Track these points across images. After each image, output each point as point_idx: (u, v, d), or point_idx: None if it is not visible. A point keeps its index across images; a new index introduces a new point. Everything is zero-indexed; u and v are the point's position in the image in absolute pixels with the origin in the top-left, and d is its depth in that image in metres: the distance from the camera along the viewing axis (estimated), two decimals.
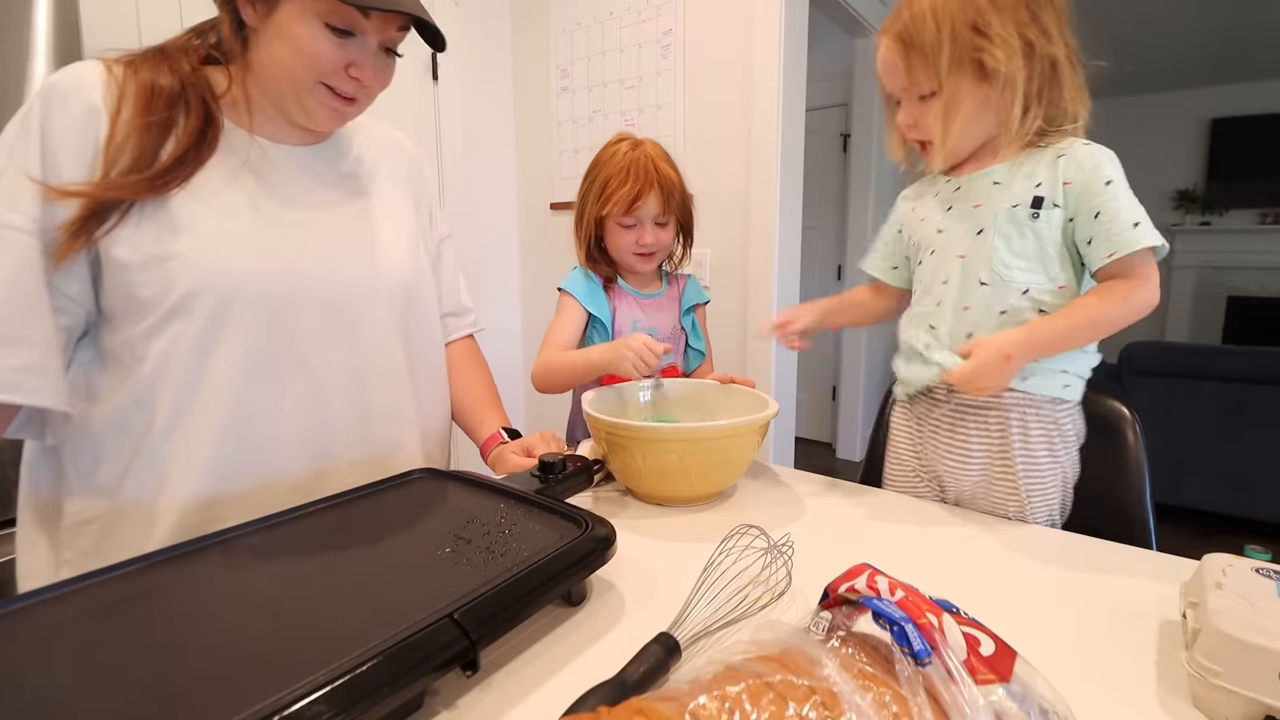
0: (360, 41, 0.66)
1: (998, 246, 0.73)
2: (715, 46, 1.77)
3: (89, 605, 0.43)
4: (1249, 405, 2.33)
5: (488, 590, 0.43)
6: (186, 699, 0.34)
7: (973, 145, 0.76)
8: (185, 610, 0.44)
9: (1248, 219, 4.37)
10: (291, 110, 0.69)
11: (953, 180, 0.79)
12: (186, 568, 0.49)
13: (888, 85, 0.78)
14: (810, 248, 2.98)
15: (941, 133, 0.73)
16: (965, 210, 0.76)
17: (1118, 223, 0.68)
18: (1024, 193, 0.72)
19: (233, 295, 0.65)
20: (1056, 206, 0.71)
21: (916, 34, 0.71)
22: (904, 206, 0.88)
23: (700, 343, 1.13)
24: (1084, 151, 0.71)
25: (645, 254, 1.04)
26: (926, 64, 0.71)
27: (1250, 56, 3.84)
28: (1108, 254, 0.68)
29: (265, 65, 0.66)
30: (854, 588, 0.39)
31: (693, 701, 0.31)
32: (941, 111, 0.72)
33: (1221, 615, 0.41)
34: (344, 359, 0.73)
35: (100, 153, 0.61)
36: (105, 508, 0.66)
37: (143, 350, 0.64)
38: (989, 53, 0.68)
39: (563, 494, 0.69)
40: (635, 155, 1.00)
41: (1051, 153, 0.72)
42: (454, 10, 2.00)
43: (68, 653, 0.38)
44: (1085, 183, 0.69)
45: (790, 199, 1.79)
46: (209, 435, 0.66)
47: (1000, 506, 0.77)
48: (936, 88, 0.71)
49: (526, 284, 2.38)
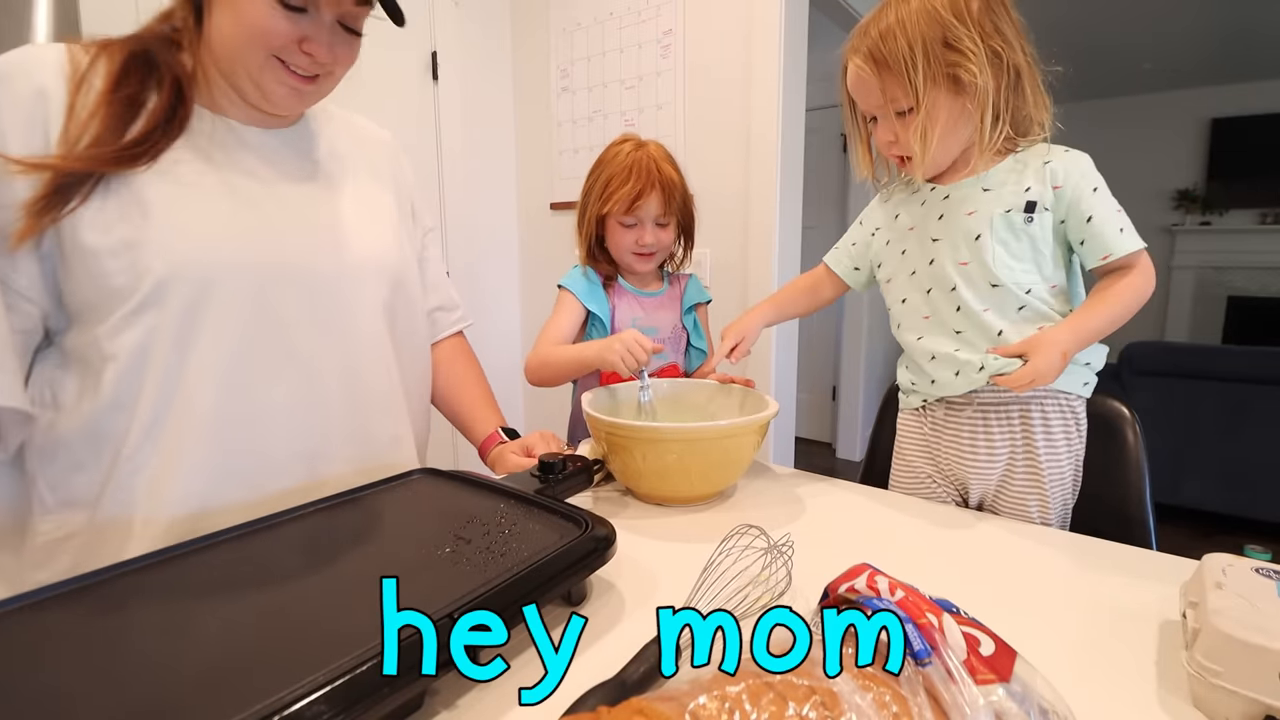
0: (313, 16, 0.64)
1: (997, 251, 0.75)
2: (715, 46, 1.76)
3: (87, 605, 0.43)
4: (1249, 405, 2.33)
5: (487, 590, 0.43)
6: (186, 699, 0.34)
7: (951, 156, 0.78)
8: (185, 610, 0.44)
9: (1248, 219, 4.37)
10: (247, 88, 0.66)
11: (939, 189, 0.80)
12: (185, 568, 0.49)
13: (862, 104, 0.79)
14: (810, 248, 2.97)
15: (922, 147, 0.74)
16: (959, 218, 0.78)
17: (1107, 227, 0.73)
18: (1015, 198, 0.75)
19: (211, 280, 0.62)
20: (1047, 210, 0.74)
21: (888, 52, 0.72)
22: (885, 213, 0.89)
23: (702, 342, 1.14)
24: (1069, 158, 0.75)
25: (644, 254, 1.04)
26: (900, 81, 0.72)
27: (1250, 56, 3.84)
28: (1102, 256, 0.74)
29: (218, 40, 0.64)
30: (854, 588, 0.39)
31: (693, 701, 0.31)
32: (920, 127, 0.73)
33: (1221, 615, 0.41)
34: (336, 348, 0.71)
35: (59, 133, 0.58)
36: (84, 522, 0.61)
37: (113, 347, 0.60)
38: (963, 67, 0.70)
39: (563, 494, 0.69)
40: (638, 155, 1.01)
41: (1037, 159, 0.75)
42: (454, 10, 2.00)
43: (66, 653, 0.38)
44: (1075, 188, 0.73)
45: (790, 199, 1.79)
46: (197, 434, 0.62)
47: (1021, 501, 0.79)
48: (914, 104, 0.73)
49: (526, 284, 2.38)
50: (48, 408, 0.61)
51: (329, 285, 0.71)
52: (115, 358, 0.60)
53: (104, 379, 0.60)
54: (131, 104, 0.61)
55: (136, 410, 0.61)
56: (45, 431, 0.61)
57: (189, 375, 0.62)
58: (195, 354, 0.62)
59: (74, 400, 0.61)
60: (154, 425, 0.61)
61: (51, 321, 0.62)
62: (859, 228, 0.93)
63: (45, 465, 0.62)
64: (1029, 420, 0.78)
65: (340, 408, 0.72)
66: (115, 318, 0.59)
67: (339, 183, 0.76)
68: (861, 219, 0.93)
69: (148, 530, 0.61)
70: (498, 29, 2.20)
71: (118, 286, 0.59)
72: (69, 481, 0.62)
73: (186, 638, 0.40)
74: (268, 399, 0.66)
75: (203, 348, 0.62)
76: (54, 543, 0.62)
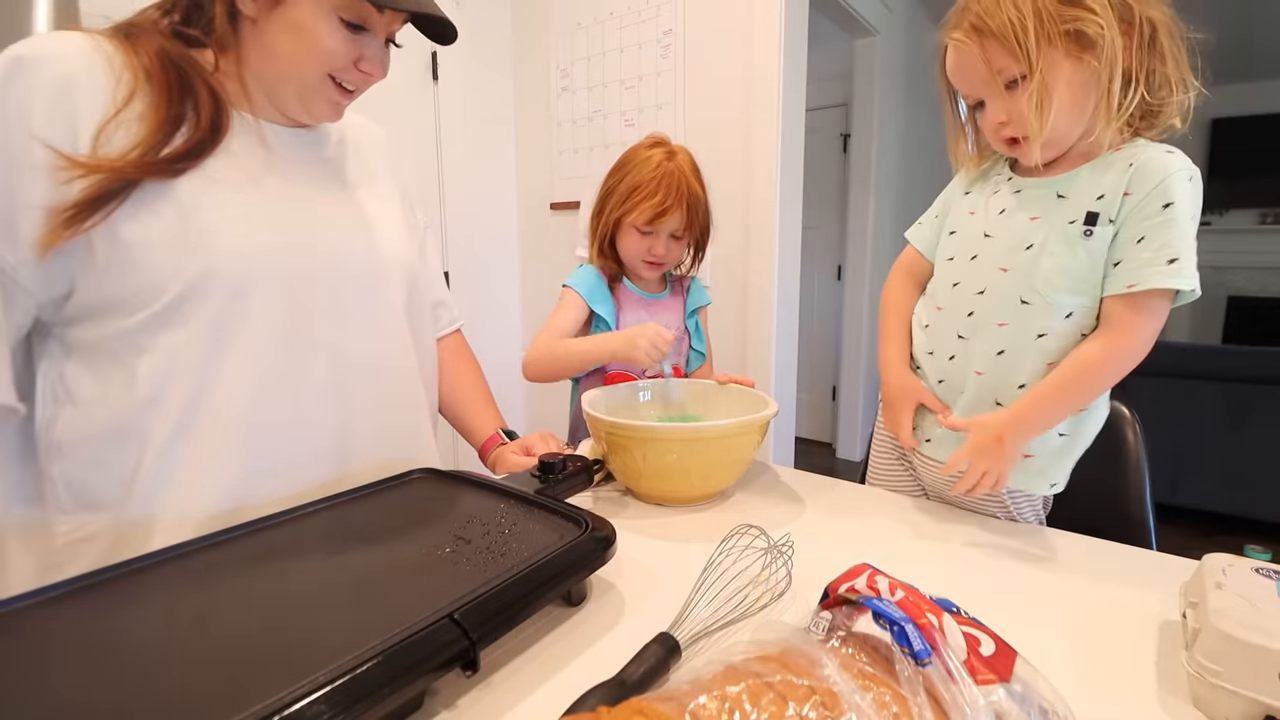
0: (371, 35, 0.65)
1: (1044, 265, 0.67)
2: (715, 46, 1.77)
3: (88, 605, 0.43)
4: (1249, 405, 2.33)
5: (488, 590, 0.43)
6: (186, 699, 0.34)
7: (1074, 134, 0.67)
8: (185, 610, 0.43)
9: (1248, 219, 4.37)
10: (289, 103, 0.67)
11: (1015, 181, 0.73)
12: (186, 568, 0.49)
13: (965, 84, 0.70)
14: (810, 248, 2.98)
15: (1038, 119, 0.63)
16: (1019, 221, 0.70)
17: (1156, 253, 0.62)
18: (1082, 207, 0.66)
19: (249, 278, 0.62)
20: (1111, 222, 0.65)
21: (992, 20, 0.63)
22: (958, 189, 0.82)
23: (702, 344, 1.14)
24: (1158, 162, 0.63)
25: (654, 264, 1.04)
26: (1008, 46, 0.63)
27: (1251, 57, 3.84)
28: (1128, 284, 0.63)
29: (265, 57, 0.64)
30: (854, 588, 0.39)
31: (693, 701, 0.31)
32: (1035, 93, 0.63)
33: (1222, 615, 0.41)
34: (364, 343, 0.71)
35: (94, 130, 0.56)
36: (107, 523, 0.60)
37: (148, 341, 0.58)
38: (1085, 20, 0.60)
39: (563, 494, 0.69)
40: (670, 167, 0.99)
41: (1124, 159, 0.65)
42: (454, 10, 2.00)
43: (67, 652, 0.38)
44: (1143, 198, 0.63)
45: (790, 199, 1.79)
46: (229, 431, 0.61)
47: (982, 506, 0.77)
48: (1026, 70, 0.63)
49: (526, 284, 2.38)
50: (61, 403, 0.60)
51: (357, 281, 0.72)
52: (150, 352, 0.59)
53: (138, 374, 0.59)
54: (179, 110, 0.60)
55: (168, 406, 0.59)
56: (59, 427, 0.60)
57: (225, 371, 0.61)
58: (232, 350, 0.61)
59: (94, 396, 0.60)
60: (186, 422, 0.60)
61: (46, 314, 0.60)
62: (941, 200, 0.84)
63: (60, 462, 0.60)
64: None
65: (367, 402, 0.72)
66: (147, 313, 0.58)
67: (355, 181, 0.77)
68: (945, 191, 0.85)
69: (179, 530, 0.59)
70: (498, 29, 2.20)
71: (153, 282, 0.58)
72: (89, 480, 0.60)
73: (186, 638, 0.40)
74: (299, 395, 0.66)
75: (239, 344, 0.62)
76: (75, 544, 0.60)
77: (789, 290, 1.83)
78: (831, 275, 3.43)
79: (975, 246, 0.75)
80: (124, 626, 0.41)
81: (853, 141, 3.05)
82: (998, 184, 0.75)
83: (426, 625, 0.39)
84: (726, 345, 1.83)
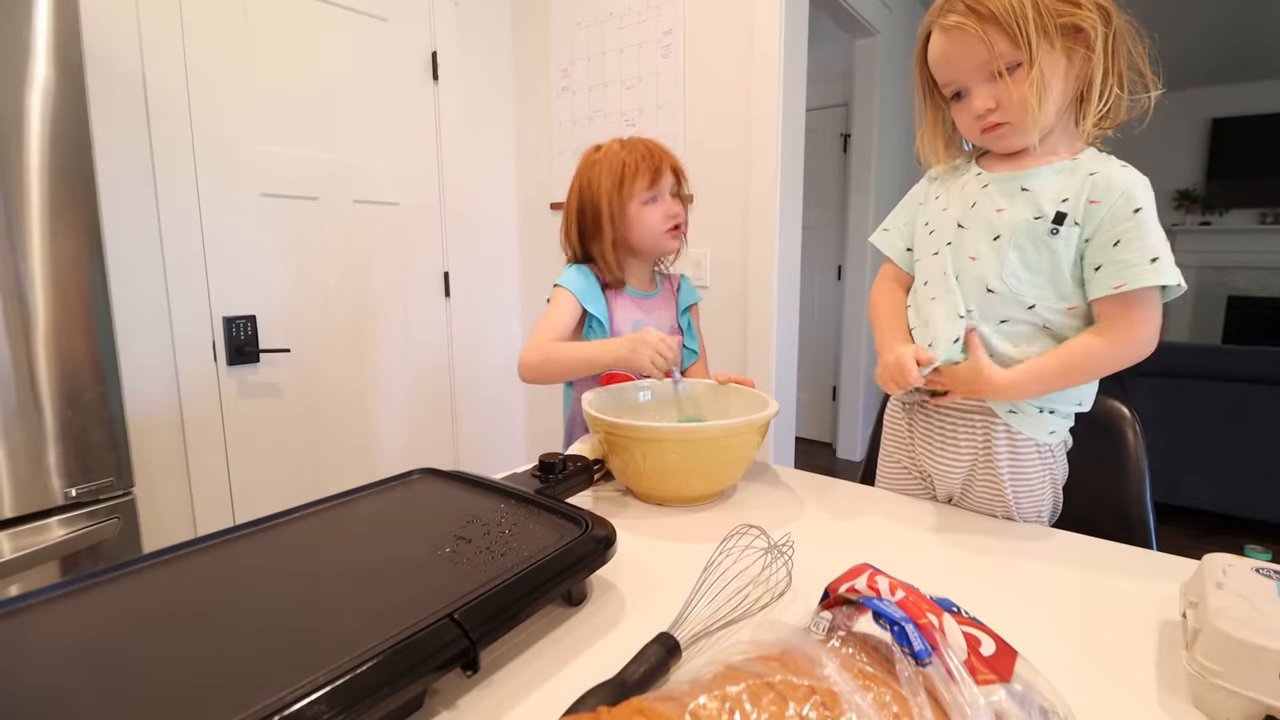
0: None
1: (1010, 257, 0.71)
2: (715, 46, 1.76)
3: (89, 605, 0.43)
4: (1249, 405, 2.32)
5: (488, 590, 0.43)
6: (187, 698, 0.34)
7: (1050, 124, 0.70)
8: (185, 610, 0.44)
9: (1248, 219, 4.37)
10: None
11: (984, 175, 0.76)
12: (186, 568, 0.49)
13: (955, 69, 0.71)
14: (810, 248, 2.98)
15: (1037, 103, 0.66)
16: (987, 212, 0.73)
17: (1136, 254, 0.65)
18: (1048, 205, 0.69)
19: None
20: (1076, 225, 0.68)
21: (992, 4, 0.66)
22: (928, 188, 0.84)
23: (694, 342, 1.13)
24: (1120, 174, 0.68)
25: (675, 227, 1.05)
26: (1010, 32, 0.65)
27: (1251, 57, 3.84)
28: (1115, 285, 0.66)
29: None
30: (854, 588, 0.39)
31: (693, 701, 0.31)
32: (1036, 81, 0.65)
33: (1222, 615, 0.41)
34: None
35: None
36: None
37: None
38: (1079, 16, 0.64)
39: (563, 494, 0.69)
40: (631, 142, 1.04)
41: (1087, 168, 0.69)
42: (454, 10, 2.00)
43: (68, 652, 0.38)
44: (1113, 206, 0.67)
45: (790, 199, 1.79)
46: None
47: (987, 507, 0.78)
48: (1026, 57, 0.66)
49: (526, 284, 2.38)
50: None
51: None
52: None
53: None
54: None
55: None
56: None
57: None
58: None
59: None
60: None
61: None
62: (905, 206, 0.87)
63: None
64: (992, 435, 0.75)
65: None
66: None
67: None
68: (908, 197, 0.87)
69: None
70: (498, 29, 2.20)
71: None
72: None
73: (187, 638, 0.40)
74: None
75: None
76: None
77: (789, 290, 1.83)
78: (831, 275, 3.42)
79: (950, 236, 0.77)
80: (124, 626, 0.41)
81: (853, 141, 3.05)
82: (966, 179, 0.78)
83: (427, 625, 0.39)
84: (726, 345, 1.83)
